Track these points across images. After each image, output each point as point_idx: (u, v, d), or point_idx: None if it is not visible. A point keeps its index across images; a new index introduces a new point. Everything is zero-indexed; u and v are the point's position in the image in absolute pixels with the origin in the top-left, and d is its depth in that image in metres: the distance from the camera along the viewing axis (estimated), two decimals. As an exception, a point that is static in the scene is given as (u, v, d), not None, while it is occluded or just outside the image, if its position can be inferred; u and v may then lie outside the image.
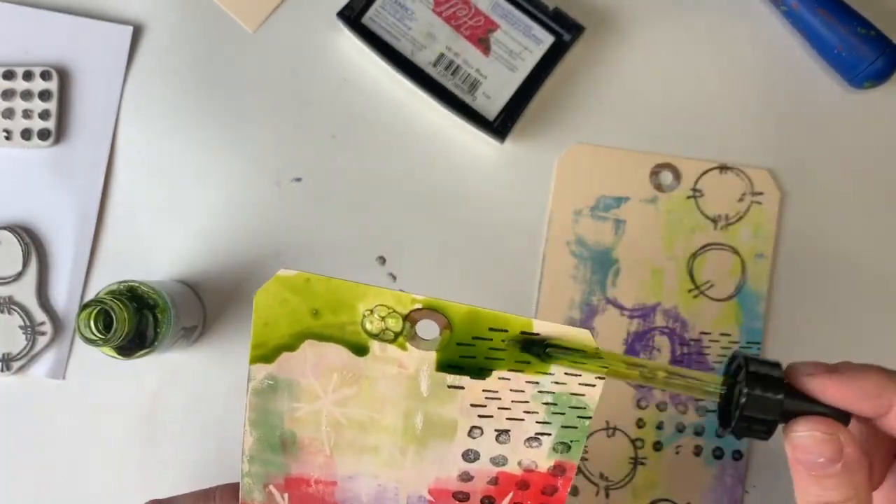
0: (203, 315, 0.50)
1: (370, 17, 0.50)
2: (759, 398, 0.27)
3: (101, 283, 0.51)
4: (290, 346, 0.29)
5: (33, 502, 0.50)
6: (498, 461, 0.30)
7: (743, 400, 0.27)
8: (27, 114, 0.51)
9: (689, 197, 0.51)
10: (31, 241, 0.50)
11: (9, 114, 0.51)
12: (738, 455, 0.50)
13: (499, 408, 0.29)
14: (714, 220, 0.51)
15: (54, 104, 0.51)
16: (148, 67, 0.52)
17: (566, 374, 0.28)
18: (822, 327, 0.51)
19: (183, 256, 0.51)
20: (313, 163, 0.52)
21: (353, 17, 0.50)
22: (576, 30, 0.50)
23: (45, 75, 0.51)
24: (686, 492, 0.50)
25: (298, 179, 0.52)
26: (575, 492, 0.50)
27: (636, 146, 0.52)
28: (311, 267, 0.52)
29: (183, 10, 0.52)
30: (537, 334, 0.28)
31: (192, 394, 0.50)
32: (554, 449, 0.29)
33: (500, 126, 0.50)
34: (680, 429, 0.50)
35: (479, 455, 0.30)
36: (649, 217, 0.51)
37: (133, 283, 0.44)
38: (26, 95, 0.51)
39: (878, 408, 0.26)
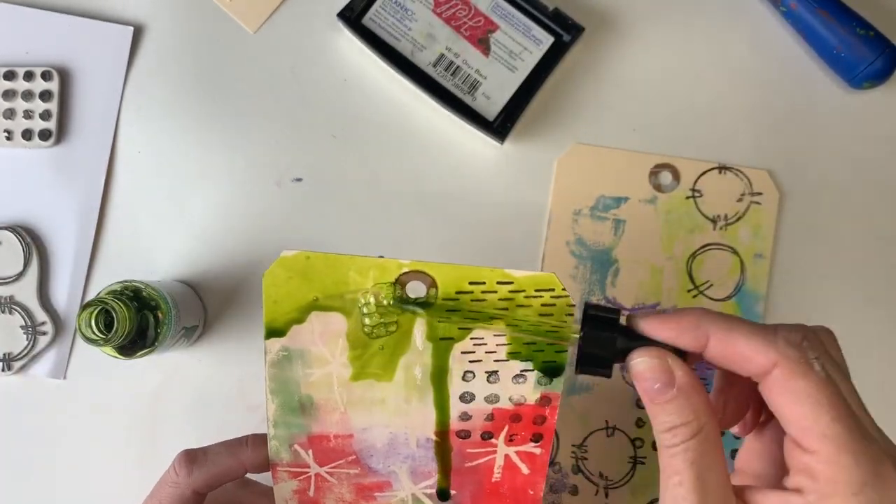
0: (203, 315, 0.51)
1: (370, 18, 0.51)
2: (596, 337, 0.30)
3: (101, 282, 0.51)
4: (299, 319, 0.32)
5: (34, 502, 0.50)
6: (491, 399, 0.33)
7: (580, 337, 0.30)
8: (28, 114, 0.51)
9: (688, 197, 0.51)
10: (32, 241, 0.50)
11: (10, 114, 0.51)
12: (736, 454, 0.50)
13: (486, 352, 0.32)
14: (713, 221, 0.51)
15: (55, 104, 0.51)
16: (148, 68, 0.52)
17: (540, 315, 0.31)
18: (821, 327, 0.51)
19: (183, 256, 0.51)
20: (313, 163, 0.52)
21: (353, 17, 0.50)
22: (575, 30, 0.51)
23: (46, 76, 0.51)
24: (685, 491, 0.50)
25: (298, 179, 0.52)
26: (575, 491, 0.50)
27: (636, 146, 0.52)
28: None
29: (183, 11, 0.53)
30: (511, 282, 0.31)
31: (192, 394, 0.51)
32: (538, 382, 0.33)
33: (499, 126, 0.50)
34: (679, 428, 0.50)
35: (474, 396, 0.33)
36: (649, 217, 0.51)
37: (134, 283, 0.45)
38: (27, 96, 0.51)
39: (698, 339, 0.29)
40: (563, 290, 0.31)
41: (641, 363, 0.29)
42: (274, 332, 0.32)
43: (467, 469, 0.34)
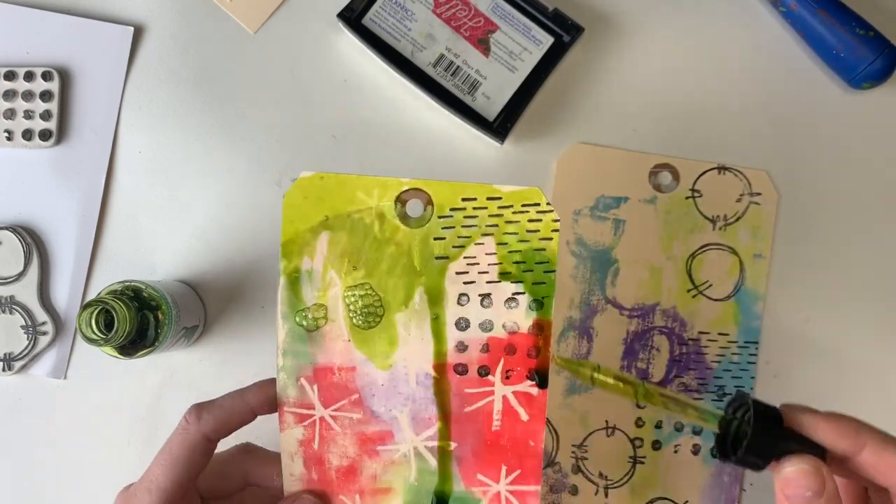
0: (204, 315, 0.51)
1: (370, 19, 0.51)
2: (761, 439, 0.31)
3: (102, 283, 0.51)
4: (311, 239, 0.33)
5: (34, 501, 0.50)
6: (485, 326, 0.34)
7: (750, 434, 0.31)
8: (28, 114, 0.51)
9: (687, 197, 0.51)
10: (33, 242, 0.50)
11: (10, 114, 0.51)
12: None
13: (479, 272, 0.33)
14: (712, 221, 0.51)
15: (55, 105, 0.51)
16: (149, 68, 0.52)
17: (528, 231, 0.33)
18: (819, 327, 0.51)
19: (183, 256, 0.51)
20: (313, 163, 0.52)
21: (353, 18, 0.51)
22: (575, 31, 0.51)
23: (47, 76, 0.51)
24: (684, 490, 0.50)
25: (299, 180, 0.52)
26: (575, 491, 0.50)
27: (635, 146, 0.52)
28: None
29: (184, 11, 0.53)
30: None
31: (192, 393, 0.51)
32: (529, 307, 0.33)
33: (499, 126, 0.50)
34: (678, 428, 0.50)
35: (469, 322, 0.34)
36: (648, 217, 0.51)
37: (134, 283, 0.45)
38: (28, 96, 0.51)
39: (854, 446, 0.31)
40: (548, 204, 0.32)
41: (797, 470, 0.30)
42: (287, 253, 0.34)
43: (466, 416, 0.34)
